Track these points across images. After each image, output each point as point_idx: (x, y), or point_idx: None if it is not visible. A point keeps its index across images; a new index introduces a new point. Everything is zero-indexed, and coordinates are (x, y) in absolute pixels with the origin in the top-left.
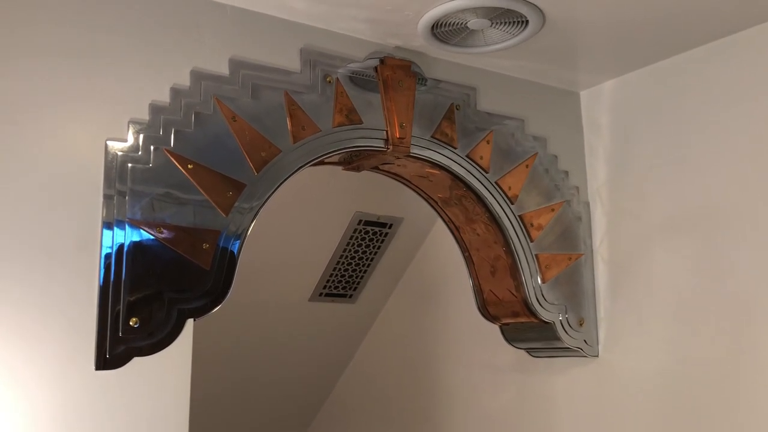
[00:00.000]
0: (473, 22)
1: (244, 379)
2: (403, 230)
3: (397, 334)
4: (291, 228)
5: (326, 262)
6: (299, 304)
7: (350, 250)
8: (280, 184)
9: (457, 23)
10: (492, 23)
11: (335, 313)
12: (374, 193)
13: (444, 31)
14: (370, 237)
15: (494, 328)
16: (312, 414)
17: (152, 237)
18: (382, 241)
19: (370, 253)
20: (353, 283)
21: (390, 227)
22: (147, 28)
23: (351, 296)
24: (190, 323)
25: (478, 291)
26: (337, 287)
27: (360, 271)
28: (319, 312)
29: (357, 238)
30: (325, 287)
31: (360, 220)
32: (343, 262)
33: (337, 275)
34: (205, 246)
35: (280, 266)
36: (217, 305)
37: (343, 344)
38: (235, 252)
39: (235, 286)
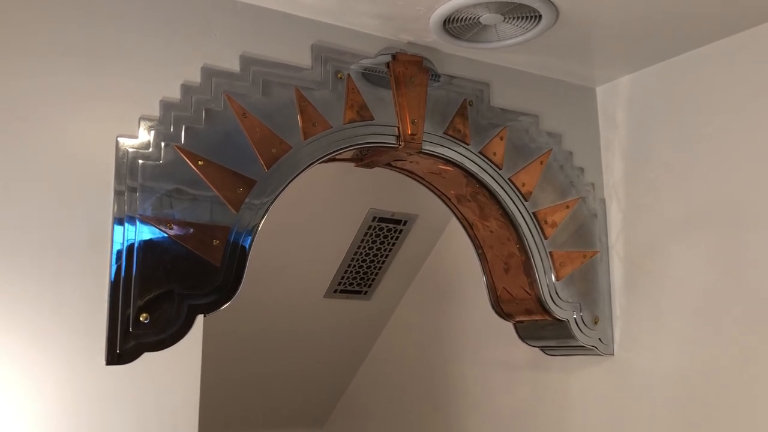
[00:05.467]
0: (486, 17)
1: (260, 376)
2: (417, 227)
3: (413, 331)
4: (305, 225)
5: (341, 259)
6: (314, 301)
7: (365, 247)
8: (291, 180)
9: (470, 18)
10: (505, 18)
11: (350, 310)
12: (388, 190)
13: (456, 26)
14: (384, 234)
15: (509, 326)
16: (328, 410)
17: (163, 233)
18: (397, 238)
19: (384, 250)
20: (368, 279)
21: (404, 224)
22: (157, 25)
23: (366, 293)
24: (200, 319)
25: (492, 288)
26: (352, 284)
27: (375, 268)
28: (334, 309)
29: (371, 235)
30: (340, 284)
31: (374, 217)
32: (358, 259)
33: (351, 272)
34: (216, 242)
35: (295, 263)
36: (227, 301)
37: (359, 341)
38: (246, 248)
39: (245, 282)
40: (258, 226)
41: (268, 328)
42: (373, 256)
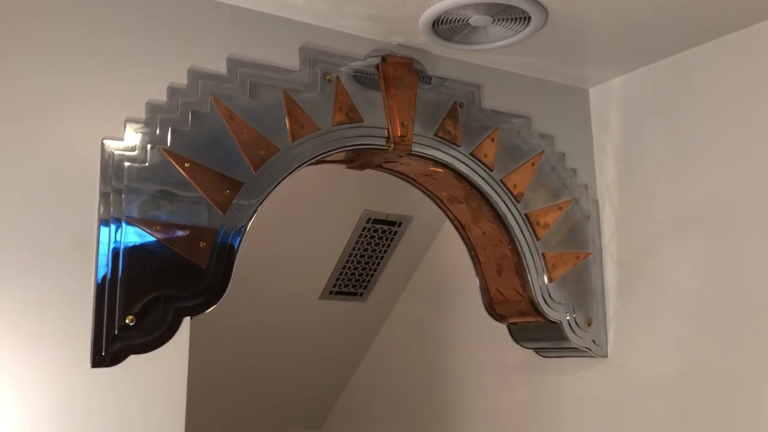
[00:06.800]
0: (475, 19)
1: (256, 379)
2: (412, 229)
3: (409, 332)
4: (299, 226)
5: (335, 261)
6: (309, 303)
7: (360, 249)
8: (279, 182)
9: (459, 20)
10: (494, 20)
11: (346, 312)
12: (383, 192)
13: (446, 28)
14: (379, 236)
15: (505, 328)
16: (325, 413)
17: (149, 235)
18: (392, 239)
19: (379, 252)
20: (363, 281)
21: (399, 226)
22: (144, 26)
23: (361, 295)
24: (187, 321)
25: (485, 290)
26: (347, 285)
27: (370, 270)
28: (330, 310)
29: (366, 236)
30: (335, 285)
31: (368, 219)
32: (353, 261)
33: (347, 274)
34: (202, 244)
35: (290, 264)
36: (214, 304)
37: (355, 343)
38: (233, 250)
39: (241, 284)
40: (246, 228)
41: (264, 330)
42: (368, 257)
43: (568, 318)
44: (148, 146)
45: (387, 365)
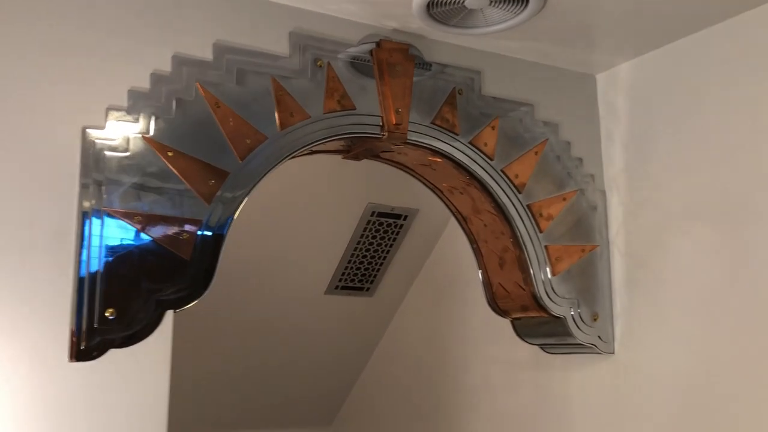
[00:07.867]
0: (470, 1)
1: (264, 376)
2: (419, 222)
3: (418, 328)
4: (303, 220)
5: (340, 255)
6: (315, 298)
7: (365, 243)
8: (267, 172)
9: (454, 2)
10: (491, 2)
11: (353, 307)
12: (387, 184)
13: (441, 11)
14: (384, 229)
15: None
16: (336, 408)
17: (130, 227)
18: (398, 233)
19: (385, 246)
20: (369, 276)
21: (405, 219)
22: (127, 11)
23: (368, 289)
24: (169, 315)
25: (487, 284)
26: (353, 280)
27: (376, 264)
28: (337, 305)
29: (371, 230)
30: (341, 280)
31: (373, 212)
32: (358, 255)
33: (352, 268)
34: (185, 236)
35: (293, 259)
36: (198, 297)
37: (363, 339)
38: (219, 242)
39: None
40: (231, 220)
41: (270, 326)
42: (373, 251)
43: (572, 313)
44: (130, 135)
45: (397, 361)
